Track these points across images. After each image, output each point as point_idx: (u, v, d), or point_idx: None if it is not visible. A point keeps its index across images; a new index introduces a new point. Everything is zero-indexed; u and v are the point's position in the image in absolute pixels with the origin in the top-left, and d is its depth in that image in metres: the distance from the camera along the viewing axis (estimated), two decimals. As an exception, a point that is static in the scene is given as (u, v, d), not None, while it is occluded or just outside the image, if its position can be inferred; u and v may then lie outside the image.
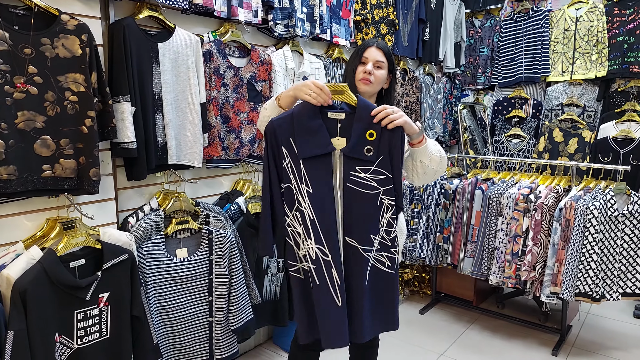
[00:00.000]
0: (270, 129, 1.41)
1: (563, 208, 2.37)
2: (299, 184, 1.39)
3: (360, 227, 1.41)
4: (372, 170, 1.39)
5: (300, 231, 1.41)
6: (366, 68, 1.58)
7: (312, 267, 1.41)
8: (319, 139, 1.37)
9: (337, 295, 1.38)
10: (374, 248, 1.42)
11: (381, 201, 1.40)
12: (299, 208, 1.40)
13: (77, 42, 1.56)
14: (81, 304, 1.59)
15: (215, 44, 2.14)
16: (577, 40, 3.66)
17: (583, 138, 3.51)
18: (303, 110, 1.40)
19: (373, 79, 1.58)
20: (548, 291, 2.42)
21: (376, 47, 1.61)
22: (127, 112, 1.74)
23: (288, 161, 1.40)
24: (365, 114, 1.38)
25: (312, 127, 1.38)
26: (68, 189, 1.60)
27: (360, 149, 1.38)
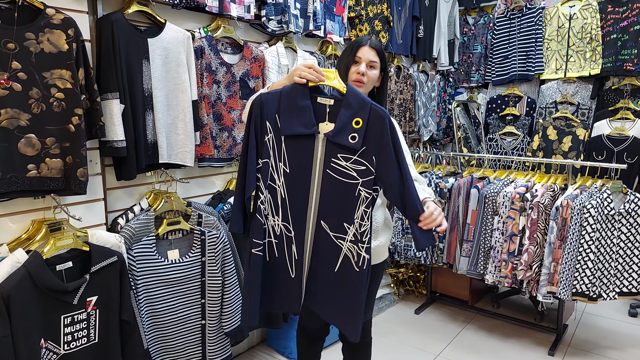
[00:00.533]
0: (258, 101, 1.38)
1: (560, 207, 2.36)
2: (277, 162, 1.39)
3: (335, 214, 1.40)
4: (353, 160, 1.37)
5: (264, 208, 1.40)
6: (359, 69, 1.56)
7: (274, 241, 1.44)
8: (305, 119, 1.36)
9: (292, 268, 1.43)
10: (348, 238, 1.41)
11: (359, 192, 1.38)
12: (271, 185, 1.40)
13: (63, 36, 1.50)
14: (68, 308, 1.53)
15: (207, 39, 2.09)
16: (571, 37, 3.66)
17: (577, 136, 3.51)
18: (293, 89, 1.38)
19: (366, 79, 1.56)
20: (545, 291, 2.41)
21: (369, 47, 1.59)
22: (116, 109, 1.69)
23: (270, 136, 1.38)
24: (353, 101, 1.36)
25: (300, 107, 1.37)
26: (54, 189, 1.54)
27: (345, 135, 1.35)
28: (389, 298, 3.12)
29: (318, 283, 1.46)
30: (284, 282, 1.45)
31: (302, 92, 1.37)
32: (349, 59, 1.59)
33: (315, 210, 1.42)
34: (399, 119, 3.40)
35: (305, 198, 1.41)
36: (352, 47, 1.60)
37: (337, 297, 1.44)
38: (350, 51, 1.60)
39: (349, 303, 1.42)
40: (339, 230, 1.41)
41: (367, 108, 1.36)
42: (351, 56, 1.58)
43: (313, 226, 1.42)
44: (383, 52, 1.62)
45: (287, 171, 1.39)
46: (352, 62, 1.58)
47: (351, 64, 1.58)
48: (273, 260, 1.46)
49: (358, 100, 1.36)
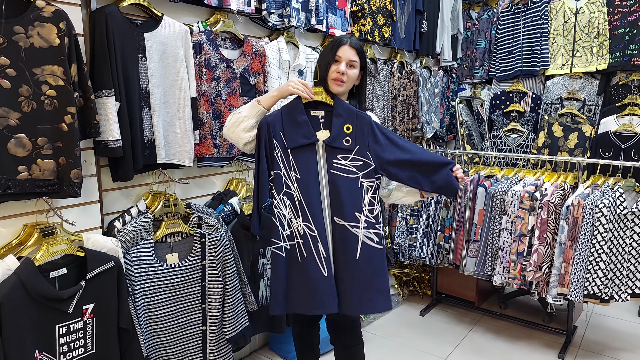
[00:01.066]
0: (264, 123, 1.58)
1: (570, 206, 2.29)
2: (288, 171, 1.58)
3: (346, 206, 1.57)
4: (350, 158, 1.59)
5: (286, 213, 1.58)
6: (339, 68, 1.59)
7: (300, 241, 1.58)
8: (305, 131, 1.57)
9: (323, 266, 1.56)
10: (361, 225, 1.58)
11: (361, 183, 1.59)
12: (287, 192, 1.59)
13: (54, 30, 1.42)
14: (63, 317, 1.46)
15: (206, 34, 2.01)
16: (577, 32, 3.58)
17: (583, 133, 3.44)
18: (291, 107, 1.60)
19: (346, 78, 1.60)
20: (555, 292, 2.34)
21: (349, 46, 1.61)
22: (111, 107, 1.60)
23: (278, 151, 1.58)
24: (342, 111, 1.59)
25: (299, 122, 1.58)
26: (47, 192, 1.46)
27: (340, 140, 1.58)
28: (393, 299, 3.05)
29: (345, 278, 1.58)
30: (318, 282, 1.56)
31: (299, 109, 1.59)
32: (329, 57, 1.61)
33: (328, 208, 1.59)
34: (401, 116, 3.32)
35: (318, 197, 1.58)
36: (332, 45, 1.62)
37: (365, 283, 1.58)
38: (330, 50, 1.62)
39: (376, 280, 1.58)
40: (352, 220, 1.58)
41: (354, 115, 1.60)
42: (331, 55, 1.61)
43: (330, 222, 1.59)
44: (363, 51, 1.66)
45: (298, 177, 1.58)
46: (332, 61, 1.61)
47: (331, 63, 1.61)
48: (303, 261, 1.57)
49: (345, 109, 1.60)
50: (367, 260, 1.57)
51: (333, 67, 1.60)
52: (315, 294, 1.56)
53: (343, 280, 1.58)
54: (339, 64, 1.60)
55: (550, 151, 3.50)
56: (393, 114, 3.24)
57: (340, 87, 1.61)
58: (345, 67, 1.60)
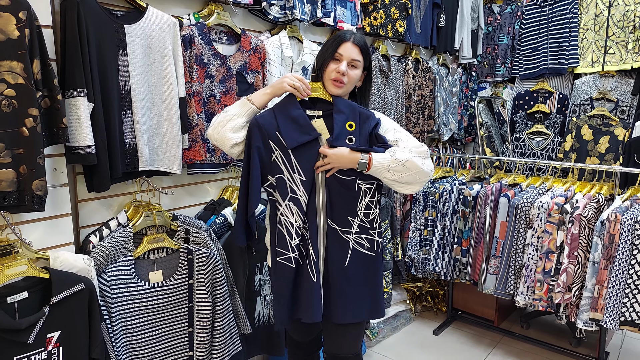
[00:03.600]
0: (255, 124, 1.41)
1: (606, 221, 2.03)
2: (292, 174, 1.42)
3: (339, 210, 1.45)
4: None
5: (294, 220, 1.43)
6: (339, 68, 1.42)
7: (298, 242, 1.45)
8: (304, 127, 1.41)
9: (312, 271, 1.43)
10: (353, 230, 1.46)
11: (359, 186, 1.45)
12: (293, 197, 1.43)
13: (12, 21, 1.24)
14: (22, 348, 1.28)
15: (198, 27, 1.81)
16: (611, 27, 3.29)
17: (615, 136, 3.15)
18: (284, 104, 1.45)
19: (346, 79, 1.43)
20: (586, 317, 2.09)
21: (352, 43, 1.44)
22: (83, 109, 1.42)
23: (277, 153, 1.42)
24: (343, 107, 1.44)
25: (294, 117, 1.41)
26: (5, 205, 1.28)
27: (343, 139, 1.42)
28: (404, 316, 2.82)
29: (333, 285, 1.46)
30: (307, 289, 1.45)
31: (292, 104, 1.43)
32: (329, 55, 1.44)
33: (324, 209, 1.45)
34: (416, 117, 3.09)
35: (314, 199, 1.44)
36: (333, 42, 1.44)
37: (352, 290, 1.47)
38: (330, 46, 1.45)
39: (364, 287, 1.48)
40: (344, 225, 1.46)
41: (356, 112, 1.45)
42: (331, 52, 1.43)
43: (325, 226, 1.45)
44: (368, 49, 1.49)
45: (303, 179, 1.42)
46: (331, 59, 1.44)
47: (330, 61, 1.44)
48: (297, 266, 1.46)
49: (346, 105, 1.44)
50: (356, 267, 1.47)
51: (332, 65, 1.43)
52: (300, 300, 1.46)
53: (330, 287, 1.46)
54: (339, 63, 1.42)
55: (578, 156, 3.22)
56: (407, 115, 3.01)
57: (339, 89, 1.43)
58: (347, 67, 1.42)
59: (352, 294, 1.47)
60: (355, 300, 1.47)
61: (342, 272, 1.46)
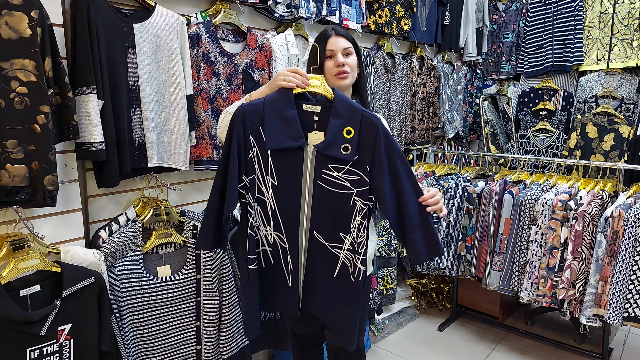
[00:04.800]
0: (239, 113, 1.28)
1: (610, 218, 2.04)
2: (264, 175, 1.31)
3: (329, 225, 1.34)
4: (345, 170, 1.30)
5: (255, 220, 1.34)
6: (338, 61, 1.43)
7: (268, 249, 1.37)
8: (291, 131, 1.27)
9: (289, 277, 1.37)
10: (345, 247, 1.34)
11: (354, 202, 1.31)
12: (259, 198, 1.33)
13: (24, 19, 1.26)
14: (35, 340, 1.31)
15: (205, 26, 1.83)
16: (616, 24, 3.28)
17: (620, 134, 3.15)
18: (277, 98, 1.29)
19: (348, 68, 1.45)
20: (590, 313, 2.10)
21: (336, 35, 1.46)
22: (93, 106, 1.44)
23: (255, 151, 1.29)
24: (342, 109, 1.27)
25: (285, 117, 1.27)
26: (18, 200, 1.31)
27: (337, 147, 1.27)
28: (409, 312, 2.84)
29: (317, 289, 1.39)
30: (281, 288, 1.39)
31: (287, 101, 1.28)
32: (321, 55, 1.45)
33: (307, 221, 1.34)
34: (421, 115, 3.10)
35: (296, 209, 1.33)
36: (319, 42, 1.46)
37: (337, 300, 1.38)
38: (318, 48, 1.46)
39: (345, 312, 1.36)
40: (334, 240, 1.35)
41: (358, 116, 1.27)
42: (322, 52, 1.45)
43: (306, 237, 1.35)
44: (351, 36, 1.49)
45: (275, 184, 1.31)
46: (325, 58, 1.45)
47: (325, 60, 1.45)
48: (269, 267, 1.39)
49: (347, 108, 1.27)
50: (343, 285, 1.35)
51: (329, 63, 1.44)
52: (275, 295, 1.41)
53: (313, 289, 1.38)
54: (335, 58, 1.44)
55: (583, 153, 3.22)
56: (412, 112, 3.02)
57: (346, 80, 1.44)
58: (343, 58, 1.44)
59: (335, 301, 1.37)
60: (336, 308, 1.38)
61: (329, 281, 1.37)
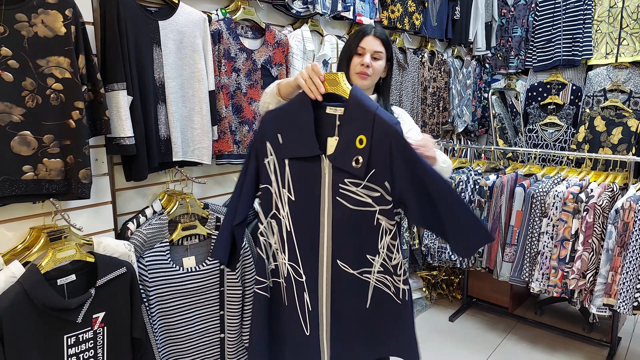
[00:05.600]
0: (262, 119, 1.24)
1: (620, 209, 2.08)
2: (280, 188, 1.20)
3: (353, 249, 1.17)
4: (363, 185, 1.13)
5: (273, 242, 1.24)
6: (364, 60, 1.44)
7: (283, 283, 1.25)
8: (304, 138, 1.15)
9: (306, 324, 1.21)
10: (374, 270, 1.17)
11: (378, 221, 1.13)
12: (276, 215, 1.21)
13: (59, 18, 1.31)
14: (72, 327, 1.36)
15: (225, 22, 1.87)
16: (625, 18, 3.31)
17: (629, 127, 3.19)
18: (296, 100, 1.19)
19: (371, 71, 1.45)
20: (600, 302, 2.15)
21: (374, 36, 1.46)
22: (123, 102, 1.49)
23: (271, 159, 1.20)
24: (356, 112, 1.11)
25: (299, 123, 1.17)
26: (54, 193, 1.36)
27: (347, 159, 1.12)
28: (420, 303, 2.89)
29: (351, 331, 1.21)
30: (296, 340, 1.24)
31: (305, 103, 1.16)
32: (352, 49, 1.47)
33: (328, 248, 1.19)
34: (431, 109, 3.13)
35: (315, 232, 1.18)
36: (355, 36, 1.48)
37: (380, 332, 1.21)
38: (353, 41, 1.48)
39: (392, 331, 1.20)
40: (361, 265, 1.18)
41: (371, 120, 1.09)
42: (354, 47, 1.46)
43: (328, 268, 1.19)
44: (389, 41, 1.50)
45: (292, 199, 1.19)
46: (355, 53, 1.46)
47: (354, 55, 1.47)
48: (282, 310, 1.26)
49: (362, 111, 1.11)
50: (380, 308, 1.19)
51: (356, 59, 1.46)
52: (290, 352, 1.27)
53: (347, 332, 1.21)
54: (362, 57, 1.45)
55: (591, 147, 3.26)
56: (423, 107, 3.06)
57: (364, 81, 1.46)
58: (370, 59, 1.45)
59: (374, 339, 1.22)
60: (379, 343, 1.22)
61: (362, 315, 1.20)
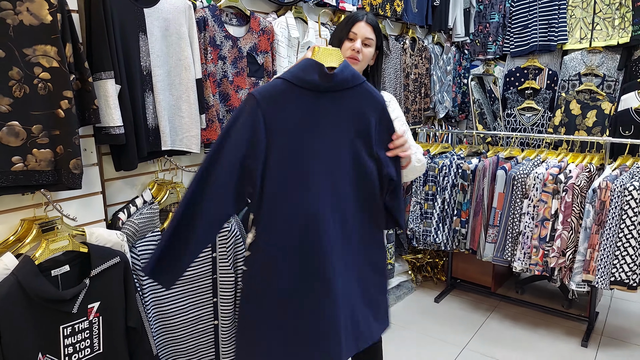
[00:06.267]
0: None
1: (597, 189, 2.17)
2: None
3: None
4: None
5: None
6: (354, 45, 1.48)
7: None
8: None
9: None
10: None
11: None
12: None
13: (45, 6, 1.28)
14: (67, 317, 1.36)
15: (210, 9, 1.86)
16: (598, 3, 3.40)
17: (602, 110, 3.30)
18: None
19: (361, 57, 1.49)
20: (579, 279, 2.25)
21: (366, 23, 1.51)
22: (111, 90, 1.47)
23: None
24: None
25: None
26: (44, 184, 1.35)
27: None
28: (406, 286, 2.97)
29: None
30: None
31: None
32: (343, 34, 1.51)
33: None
34: (413, 95, 3.18)
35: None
36: (347, 22, 1.52)
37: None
38: (344, 26, 1.52)
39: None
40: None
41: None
42: (345, 32, 1.50)
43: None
44: (379, 28, 1.54)
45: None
46: (346, 38, 1.50)
47: (345, 40, 1.51)
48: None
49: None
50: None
51: (347, 44, 1.49)
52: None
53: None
54: (353, 42, 1.49)
55: (567, 130, 3.36)
56: (405, 93, 3.10)
57: (354, 66, 1.45)
58: (361, 45, 1.49)
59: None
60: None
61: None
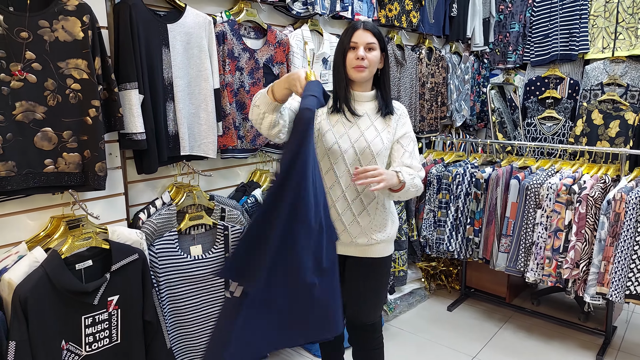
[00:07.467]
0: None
1: (612, 200, 2.16)
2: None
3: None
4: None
5: None
6: (358, 54, 1.50)
7: None
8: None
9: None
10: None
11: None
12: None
13: (78, 24, 1.41)
14: (89, 308, 1.48)
15: (229, 24, 1.97)
16: (620, 13, 3.36)
17: (626, 120, 3.24)
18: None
19: (367, 63, 1.51)
20: (593, 291, 2.22)
21: (364, 29, 1.53)
22: (135, 100, 1.60)
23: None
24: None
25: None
26: (72, 185, 1.47)
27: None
28: (419, 293, 2.99)
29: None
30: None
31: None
32: (345, 45, 1.53)
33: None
34: (430, 104, 3.22)
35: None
36: (346, 33, 1.55)
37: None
38: (344, 38, 1.54)
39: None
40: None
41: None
42: (347, 42, 1.53)
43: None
44: (380, 32, 1.56)
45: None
46: (348, 49, 1.53)
47: (348, 51, 1.53)
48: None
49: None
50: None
51: (351, 54, 1.52)
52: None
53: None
54: (356, 50, 1.51)
55: (588, 140, 3.32)
56: (421, 102, 3.14)
57: (362, 73, 1.52)
58: (364, 51, 1.51)
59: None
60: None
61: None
